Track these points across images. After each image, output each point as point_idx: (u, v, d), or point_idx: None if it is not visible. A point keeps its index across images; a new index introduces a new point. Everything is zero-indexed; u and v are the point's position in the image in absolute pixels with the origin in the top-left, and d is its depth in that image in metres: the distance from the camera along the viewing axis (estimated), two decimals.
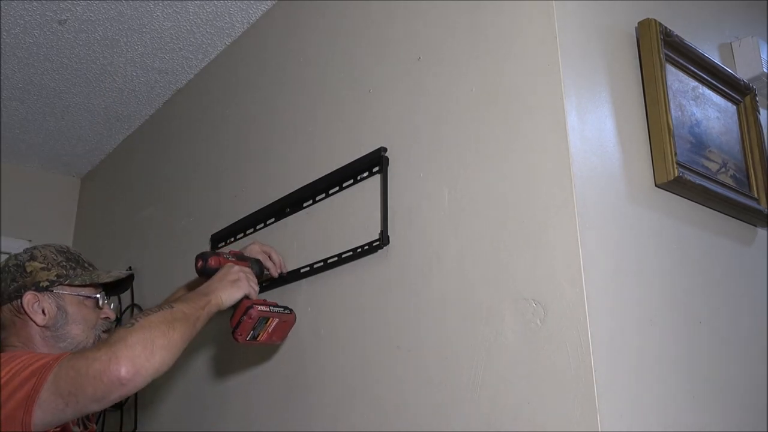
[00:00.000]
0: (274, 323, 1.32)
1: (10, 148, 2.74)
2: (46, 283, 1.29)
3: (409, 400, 1.18)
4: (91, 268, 1.38)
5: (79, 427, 1.30)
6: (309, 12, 1.71)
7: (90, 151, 2.78)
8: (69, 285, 1.31)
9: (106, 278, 1.36)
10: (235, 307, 1.29)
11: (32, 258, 1.33)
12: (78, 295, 1.31)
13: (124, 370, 1.02)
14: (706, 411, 1.10)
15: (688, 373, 1.10)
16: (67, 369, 1.04)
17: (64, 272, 1.32)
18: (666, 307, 1.10)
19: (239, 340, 1.29)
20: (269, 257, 1.47)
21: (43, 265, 1.31)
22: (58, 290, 1.30)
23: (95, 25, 1.97)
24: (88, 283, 1.33)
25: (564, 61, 1.09)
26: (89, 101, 2.40)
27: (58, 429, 1.11)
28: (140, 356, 1.04)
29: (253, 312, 1.28)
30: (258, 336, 1.31)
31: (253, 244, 1.47)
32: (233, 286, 1.28)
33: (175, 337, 1.10)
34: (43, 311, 1.27)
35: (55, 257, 1.34)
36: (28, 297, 1.27)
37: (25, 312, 1.27)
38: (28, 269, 1.30)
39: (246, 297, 1.29)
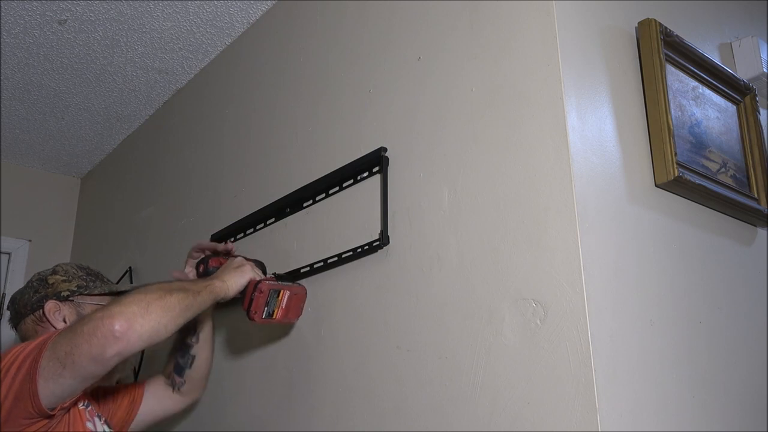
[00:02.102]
0: (286, 297, 1.32)
1: (10, 148, 2.74)
2: (67, 293, 1.33)
3: (408, 400, 1.18)
4: (110, 282, 1.43)
5: (101, 420, 1.32)
6: (309, 12, 1.71)
7: (90, 151, 2.78)
8: (89, 295, 1.35)
9: (124, 288, 1.39)
10: (243, 292, 1.29)
11: (54, 272, 1.38)
12: (98, 304, 1.34)
13: (117, 324, 1.03)
14: (706, 411, 1.10)
15: (688, 373, 1.10)
16: (64, 333, 1.07)
17: (84, 283, 1.36)
18: (666, 307, 1.10)
19: (255, 319, 1.29)
20: None
21: (64, 278, 1.36)
22: (79, 300, 1.34)
23: (95, 25, 1.97)
24: (107, 292, 1.36)
25: (564, 61, 1.09)
26: (89, 101, 2.40)
27: (66, 404, 1.11)
28: (135, 313, 1.05)
29: (262, 286, 1.28)
30: (273, 313, 1.31)
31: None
32: (237, 272, 1.31)
33: (172, 301, 1.12)
34: (64, 319, 1.30)
35: (75, 271, 1.39)
36: (50, 305, 1.31)
37: (47, 320, 1.30)
38: (50, 281, 1.35)
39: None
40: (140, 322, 1.05)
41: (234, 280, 1.29)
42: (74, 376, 1.05)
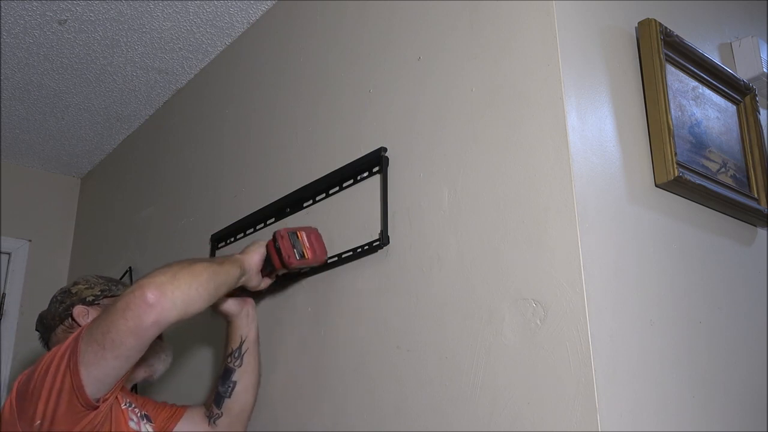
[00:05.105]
0: (304, 237, 1.36)
1: (10, 148, 2.74)
2: (92, 298, 1.36)
3: (408, 400, 1.18)
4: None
5: (143, 419, 1.32)
6: (309, 12, 1.71)
7: (90, 151, 2.78)
8: (113, 297, 1.37)
9: None
10: (270, 265, 1.33)
11: (75, 283, 1.41)
12: None
13: (149, 293, 1.05)
14: (706, 411, 1.10)
15: (688, 373, 1.10)
16: (98, 318, 1.10)
17: (107, 287, 1.40)
18: (666, 307, 1.10)
19: (292, 263, 1.32)
20: None
21: (86, 286, 1.39)
22: (105, 302, 1.36)
23: (95, 25, 1.97)
24: None
25: (564, 61, 1.09)
26: (89, 101, 2.40)
27: (109, 396, 1.11)
28: (164, 282, 1.07)
29: (281, 231, 1.33)
30: (304, 254, 1.34)
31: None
32: (252, 245, 1.34)
33: (198, 268, 1.14)
34: None
35: (96, 280, 1.42)
36: (78, 309, 1.34)
37: (78, 325, 1.32)
38: (73, 290, 1.39)
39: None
40: (170, 288, 1.07)
41: (251, 250, 1.32)
42: (116, 355, 1.06)
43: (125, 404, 1.28)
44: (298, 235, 1.35)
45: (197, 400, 1.68)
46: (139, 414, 1.32)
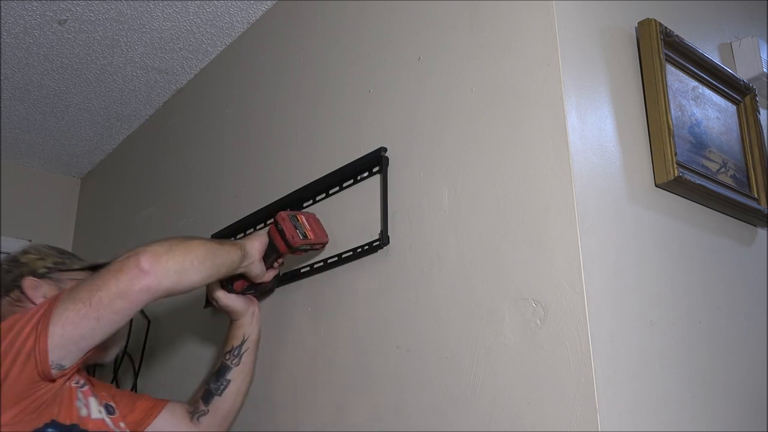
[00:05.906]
0: (304, 219, 1.39)
1: (10, 148, 2.74)
2: (44, 270, 1.28)
3: (408, 400, 1.18)
4: (85, 260, 1.37)
5: (97, 399, 1.27)
6: (309, 12, 1.71)
7: (90, 151, 2.78)
8: (67, 270, 1.30)
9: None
10: (275, 252, 1.34)
11: (25, 252, 1.32)
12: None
13: (143, 260, 1.06)
14: (706, 411, 1.10)
15: (688, 373, 1.10)
16: (83, 282, 1.08)
17: (60, 260, 1.31)
18: (666, 307, 1.10)
19: (296, 242, 1.33)
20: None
21: (38, 256, 1.31)
22: (57, 276, 1.28)
23: (95, 25, 1.97)
24: (86, 267, 1.32)
25: (564, 61, 1.09)
26: (89, 101, 2.40)
27: (67, 370, 1.07)
28: (159, 251, 1.08)
29: (282, 214, 1.35)
30: (306, 235, 1.36)
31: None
32: (251, 237, 1.34)
33: (195, 243, 1.15)
34: (44, 296, 1.23)
35: (48, 251, 1.34)
36: (28, 281, 1.25)
37: (27, 298, 1.24)
38: (23, 260, 1.29)
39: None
40: (165, 258, 1.08)
41: (252, 237, 1.32)
42: (98, 315, 1.04)
43: (76, 382, 1.21)
44: (298, 217, 1.38)
45: None
46: (91, 392, 1.25)
